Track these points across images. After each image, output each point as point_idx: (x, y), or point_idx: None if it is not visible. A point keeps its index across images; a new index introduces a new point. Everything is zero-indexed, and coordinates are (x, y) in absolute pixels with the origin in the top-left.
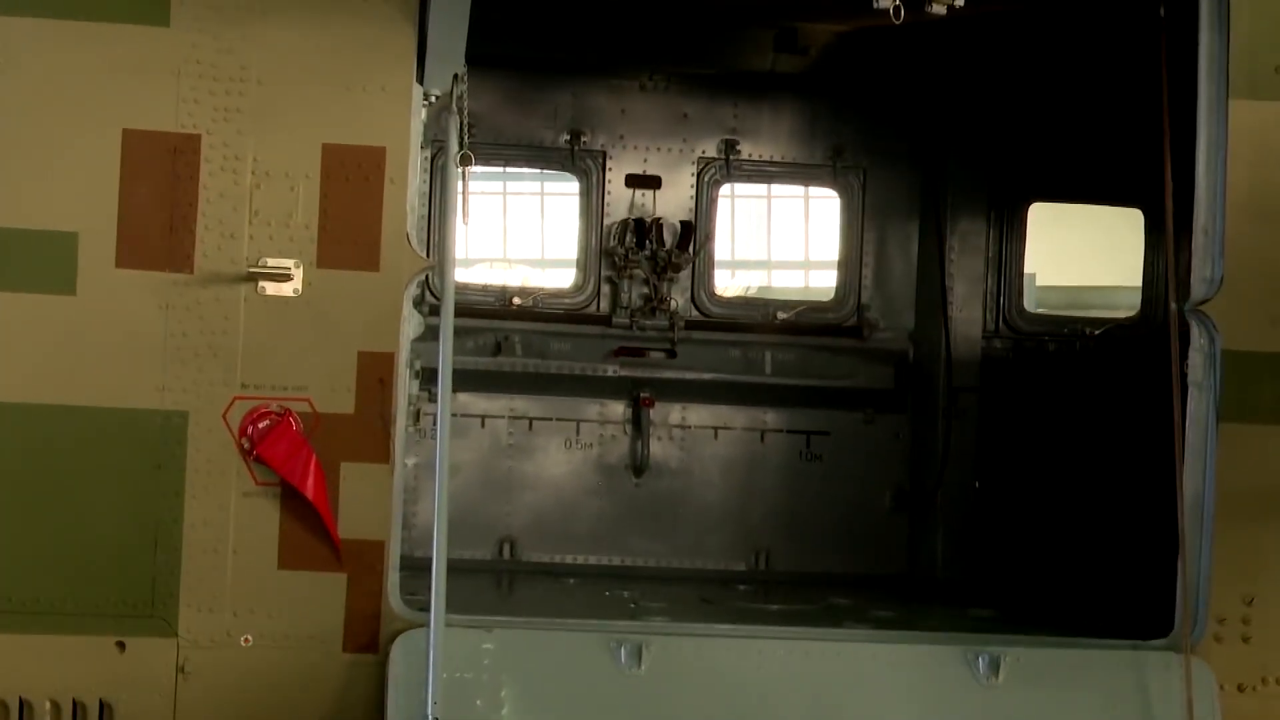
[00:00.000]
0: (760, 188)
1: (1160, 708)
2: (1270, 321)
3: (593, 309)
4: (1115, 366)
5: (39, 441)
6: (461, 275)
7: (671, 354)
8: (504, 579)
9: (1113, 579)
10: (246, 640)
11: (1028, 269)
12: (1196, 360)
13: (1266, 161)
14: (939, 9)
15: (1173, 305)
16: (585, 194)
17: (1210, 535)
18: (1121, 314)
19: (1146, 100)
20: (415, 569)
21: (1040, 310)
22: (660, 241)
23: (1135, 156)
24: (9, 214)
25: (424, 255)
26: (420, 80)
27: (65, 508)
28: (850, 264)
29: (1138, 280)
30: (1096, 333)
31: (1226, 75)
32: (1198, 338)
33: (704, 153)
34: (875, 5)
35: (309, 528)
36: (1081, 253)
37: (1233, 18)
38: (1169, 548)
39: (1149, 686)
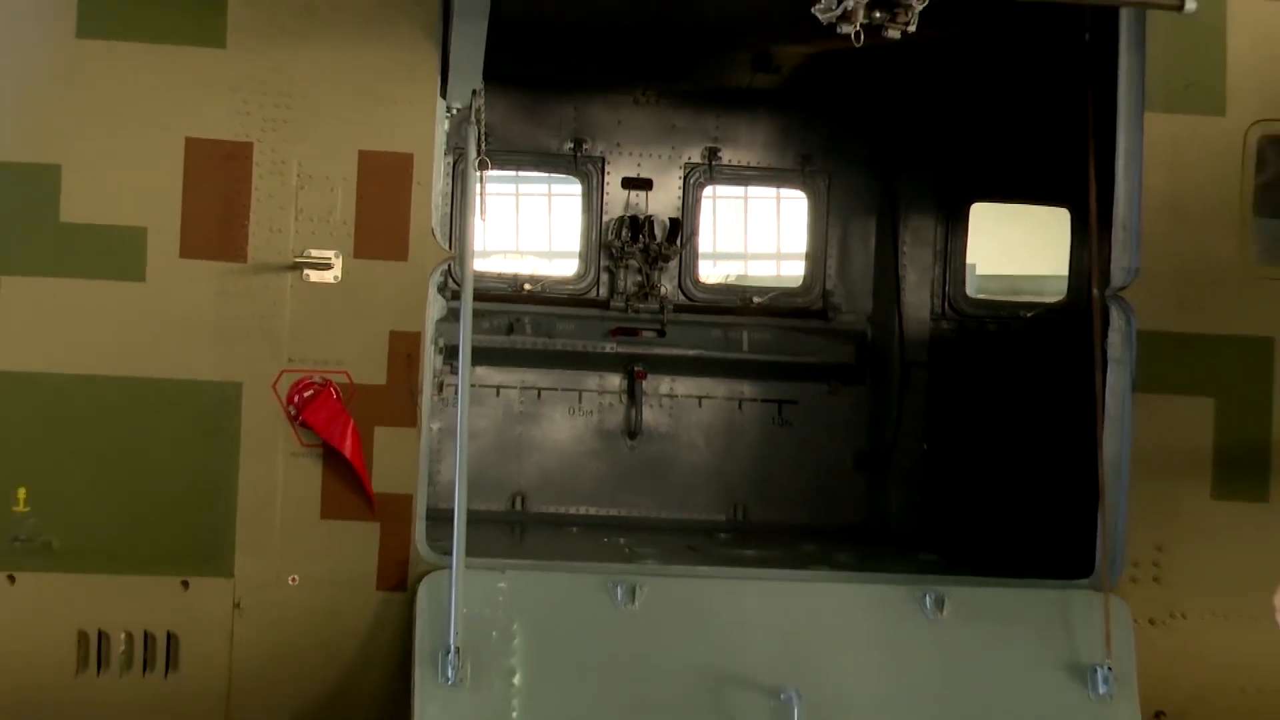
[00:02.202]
0: (738, 189)
1: (1083, 638)
2: (1179, 306)
3: (593, 294)
4: (1046, 344)
5: (113, 409)
6: (479, 265)
7: (661, 333)
8: (516, 528)
9: (1043, 528)
10: (293, 580)
11: (970, 260)
12: (1115, 339)
13: (1177, 167)
14: (893, 33)
15: (1095, 291)
16: (586, 194)
17: (1126, 490)
18: (1051, 299)
19: (1073, 113)
20: (438, 519)
21: (981, 296)
22: (652, 236)
23: (1063, 162)
24: (88, 211)
25: (446, 247)
26: (443, 95)
27: (137, 467)
28: (816, 256)
29: (1065, 270)
30: (1029, 315)
31: (1142, 91)
32: (1117, 320)
33: (690, 159)
34: (838, 30)
35: (347, 483)
36: (1016, 246)
37: (1148, 42)
38: (1091, 501)
39: (1073, 620)
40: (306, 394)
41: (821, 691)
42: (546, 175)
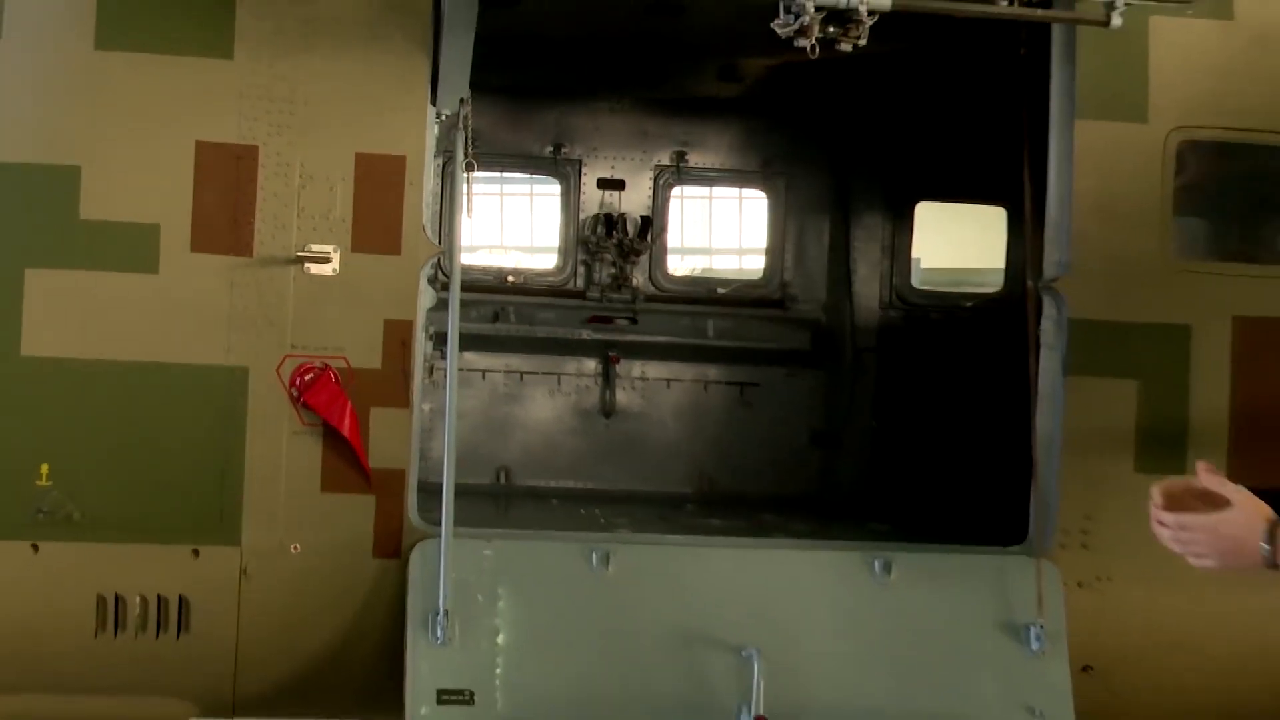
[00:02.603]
0: (704, 190)
1: (1018, 599)
2: (1106, 296)
3: (571, 285)
4: (984, 331)
5: (129, 392)
6: (466, 259)
7: (633, 321)
8: (500, 500)
9: (981, 499)
10: (295, 548)
11: (915, 254)
12: (1048, 327)
13: (1104, 170)
14: (846, 47)
15: (1030, 283)
16: (565, 194)
17: (1058, 464)
18: (989, 290)
19: (1009, 120)
20: (429, 491)
21: (925, 287)
22: (625, 232)
23: (1000, 165)
24: (105, 209)
25: (436, 243)
26: (434, 103)
27: (151, 445)
28: (775, 251)
29: (1002, 263)
30: (970, 305)
31: (1073, 101)
32: (1049, 309)
33: (660, 161)
34: (796, 44)
35: (345, 459)
36: (957, 242)
37: (1077, 56)
38: (1025, 474)
39: (1009, 583)
40: (308, 378)
41: (780, 648)
42: (528, 176)
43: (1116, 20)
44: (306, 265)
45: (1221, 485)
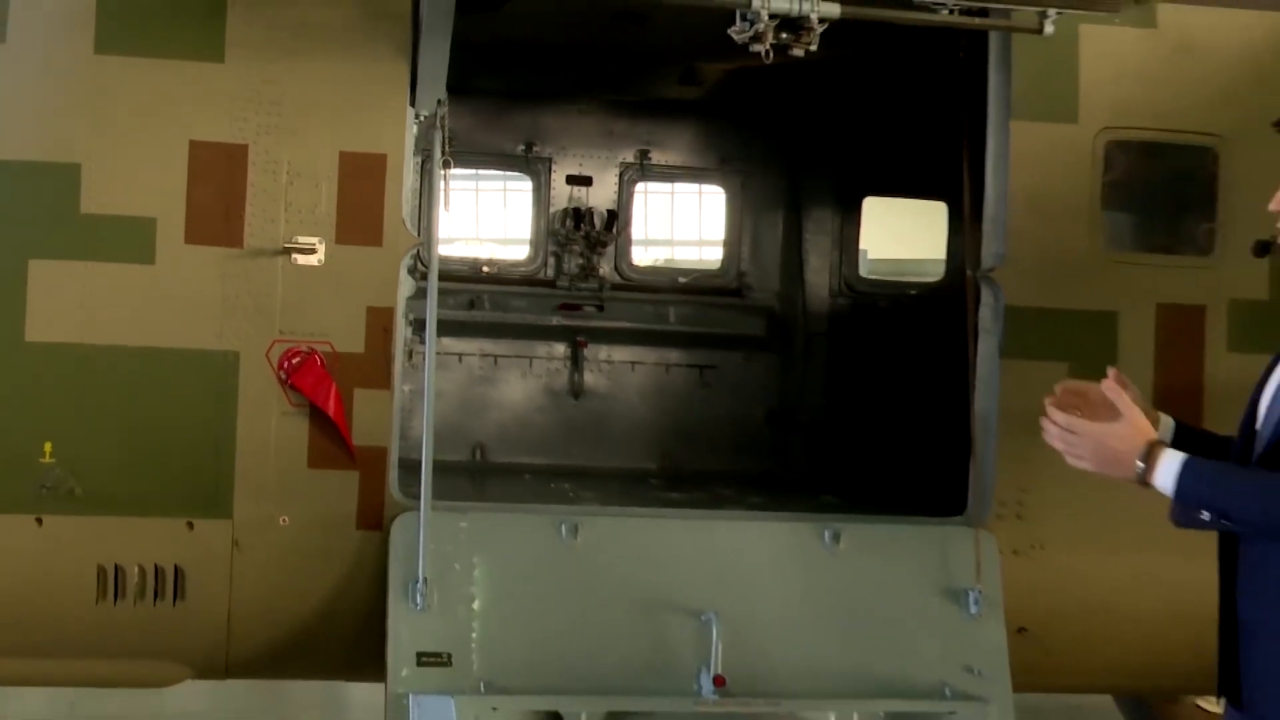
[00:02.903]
0: (666, 186)
1: (957, 566)
2: (1039, 285)
3: (541, 275)
4: (926, 317)
5: (128, 375)
6: (443, 250)
7: (600, 308)
8: (476, 475)
9: (924, 474)
10: (284, 521)
11: (862, 246)
12: (985, 313)
13: (1037, 167)
14: (798, 52)
15: (969, 272)
16: (536, 190)
17: (995, 441)
18: (931, 279)
19: (949, 121)
20: (409, 468)
21: (872, 276)
22: (592, 225)
23: (942, 163)
24: (104, 204)
25: (416, 235)
26: (413, 104)
27: (148, 424)
28: (732, 243)
29: (943, 254)
30: (913, 293)
31: (1008, 103)
32: (987, 296)
33: (625, 159)
34: (751, 49)
35: (330, 438)
36: (902, 234)
37: (1013, 60)
38: (964, 451)
39: (950, 551)
40: (295, 361)
41: (736, 612)
42: (502, 173)
43: (1049, 28)
44: (294, 256)
45: (1119, 398)
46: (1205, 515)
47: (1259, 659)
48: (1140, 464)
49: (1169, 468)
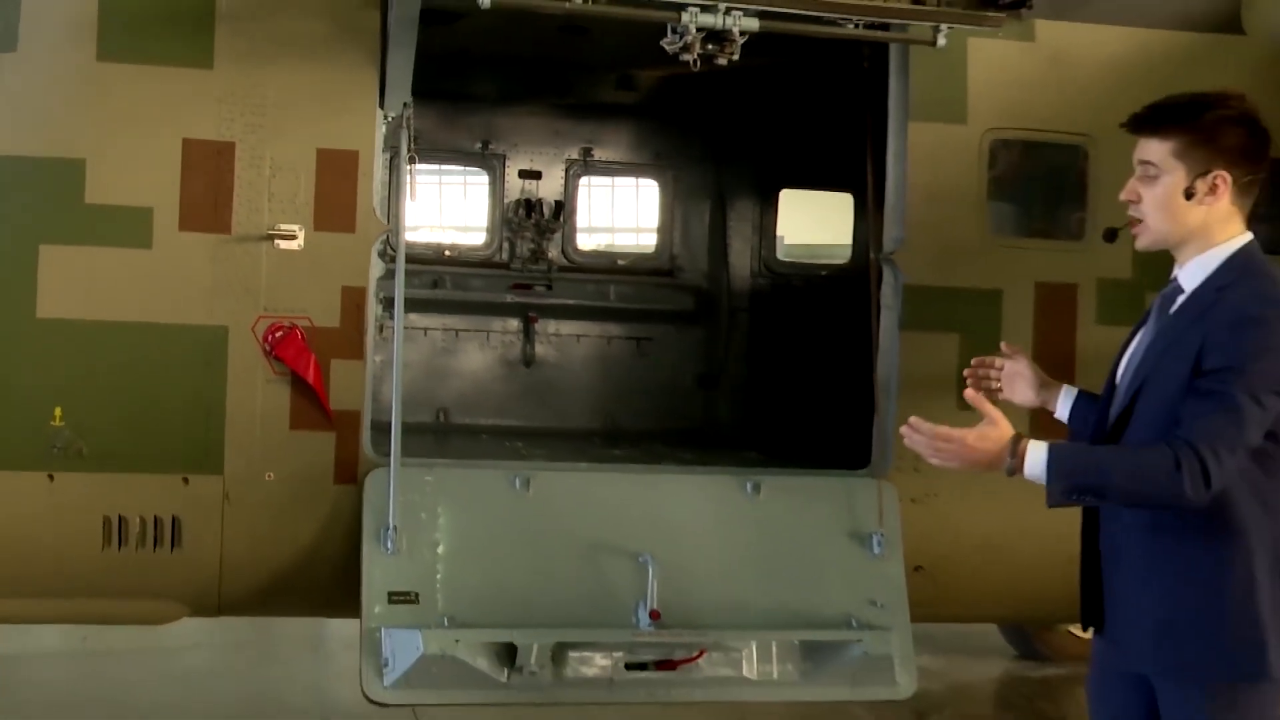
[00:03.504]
0: (607, 179)
1: (863, 513)
2: (934, 266)
3: (497, 258)
4: (835, 295)
5: (129, 347)
6: (410, 236)
7: (549, 288)
8: (440, 435)
9: (833, 432)
10: (269, 476)
11: (779, 232)
12: (887, 291)
13: (932, 163)
14: (722, 61)
15: (872, 255)
16: (492, 183)
17: (894, 403)
18: (839, 261)
19: (855, 121)
20: (380, 429)
21: (787, 259)
22: (541, 214)
23: (848, 159)
24: (107, 195)
25: (385, 223)
26: (381, 107)
27: (148, 391)
28: (665, 230)
29: (849, 240)
30: (823, 273)
31: (906, 106)
32: (888, 276)
33: (570, 156)
34: (680, 58)
35: (309, 402)
36: (813, 222)
37: (910, 68)
38: (868, 411)
39: (856, 500)
40: (278, 335)
41: (669, 554)
42: (462, 168)
43: (941, 41)
44: (276, 241)
45: (981, 404)
46: (1076, 496)
47: (1117, 587)
48: (1010, 459)
49: (1036, 458)
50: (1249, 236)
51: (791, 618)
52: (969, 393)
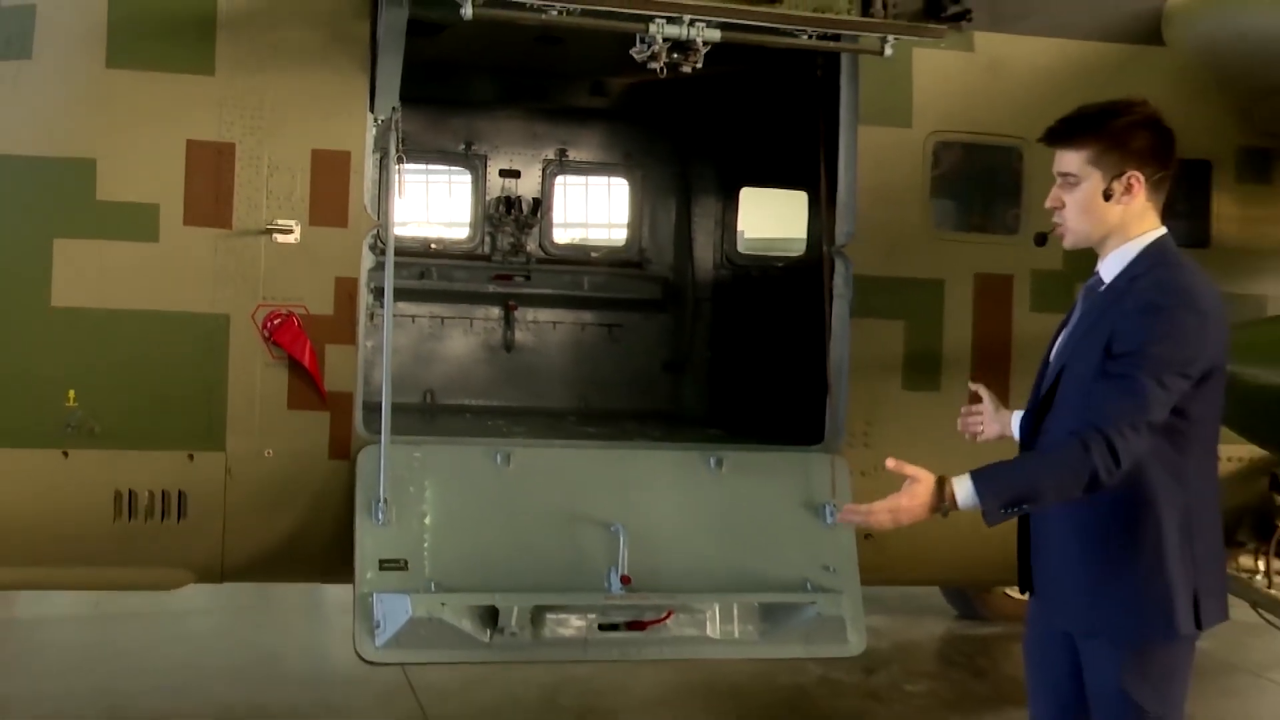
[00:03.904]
0: (581, 178)
1: (817, 485)
2: (882, 258)
3: (479, 251)
4: (792, 285)
5: (138, 333)
6: (398, 231)
7: (528, 278)
8: (426, 414)
9: (790, 410)
10: (269, 453)
11: (740, 227)
12: (839, 281)
13: (880, 163)
14: (687, 69)
15: (825, 248)
16: (474, 181)
17: (846, 384)
18: (795, 254)
19: (810, 124)
20: (371, 409)
21: (747, 252)
22: (520, 210)
23: (803, 159)
24: (116, 192)
25: (375, 218)
26: (372, 110)
27: (156, 374)
28: (635, 225)
29: (804, 234)
30: (781, 265)
31: (856, 110)
32: (840, 268)
33: (547, 156)
34: (648, 66)
35: (306, 384)
36: (771, 218)
37: (860, 76)
38: (822, 392)
39: (810, 473)
40: (276, 322)
41: (638, 524)
42: (446, 168)
43: (888, 51)
44: (274, 235)
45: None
46: (1010, 509)
47: (1043, 554)
48: (942, 502)
49: (964, 491)
50: (1163, 230)
51: (751, 581)
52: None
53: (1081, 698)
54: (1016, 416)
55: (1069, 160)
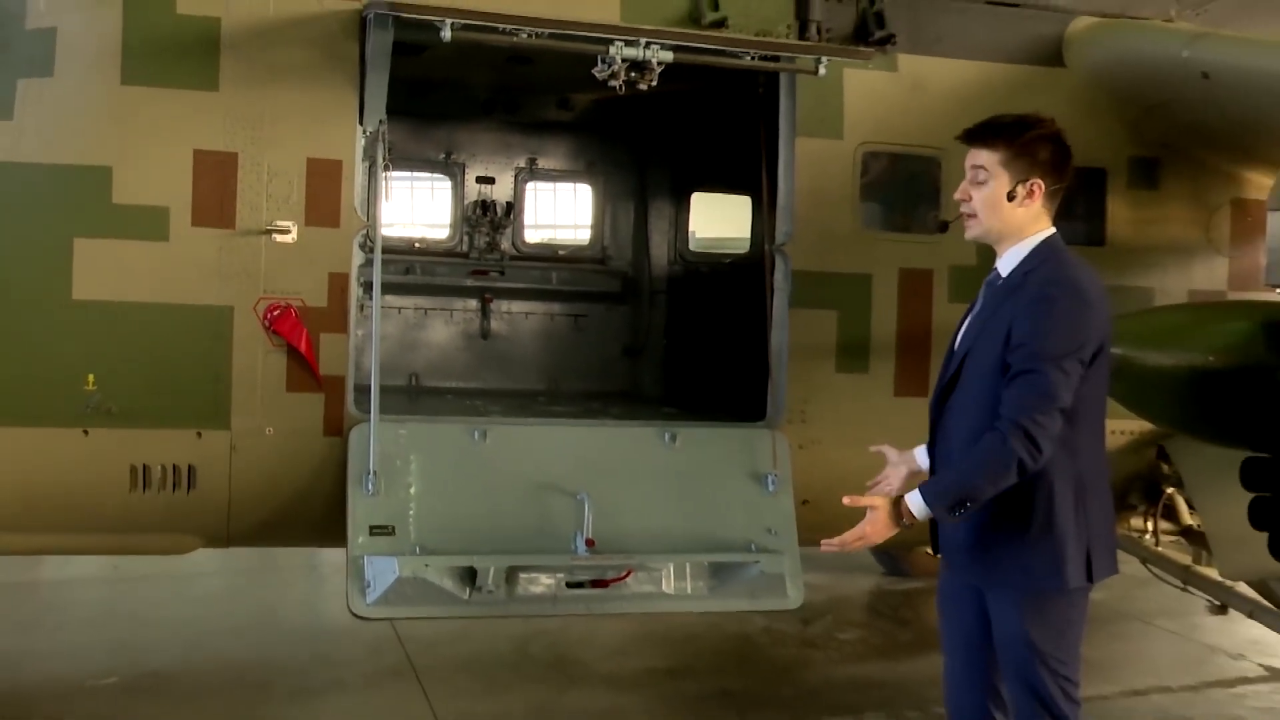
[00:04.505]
0: (549, 184)
1: (760, 458)
2: (816, 255)
3: (459, 249)
4: (738, 279)
5: (150, 323)
6: (386, 231)
7: (502, 274)
8: (411, 396)
9: (736, 391)
10: (270, 431)
11: (691, 228)
12: (779, 276)
13: (815, 170)
14: (643, 86)
15: (767, 246)
16: (454, 187)
17: (785, 367)
18: (740, 252)
19: (753, 135)
20: (362, 391)
21: (698, 250)
22: (495, 213)
23: (748, 167)
24: (130, 196)
25: (364, 219)
26: (361, 123)
27: (167, 359)
28: (598, 225)
29: (748, 234)
30: (728, 261)
31: (794, 123)
32: (780, 264)
33: (518, 164)
34: (608, 84)
35: (302, 369)
36: (719, 219)
37: (798, 93)
38: (764, 375)
39: (754, 447)
40: (276, 313)
41: (602, 493)
42: (429, 175)
43: (822, 71)
44: (273, 235)
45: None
46: (957, 509)
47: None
48: (901, 520)
49: (916, 503)
50: (1053, 230)
51: (702, 543)
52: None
53: (988, 642)
54: (920, 451)
55: (983, 157)
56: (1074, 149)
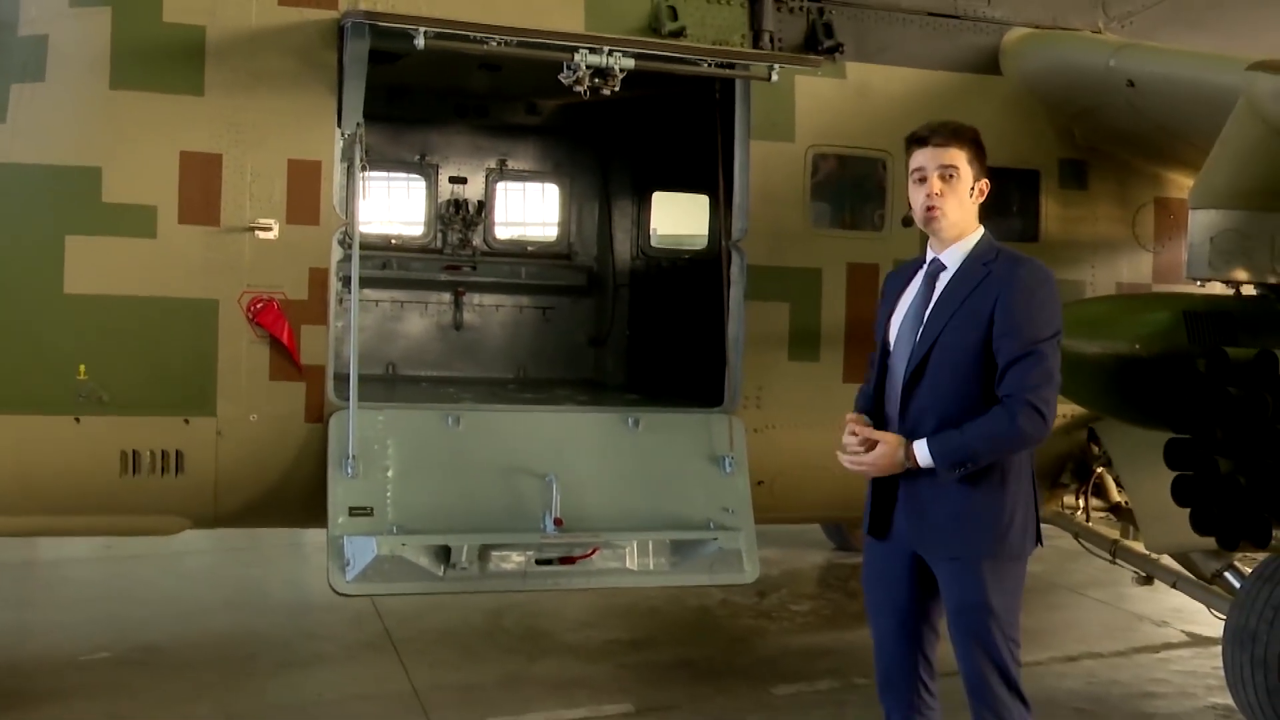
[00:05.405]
0: (519, 184)
1: (718, 441)
2: (769, 250)
3: (433, 245)
4: (696, 273)
5: (140, 316)
6: (363, 228)
7: (474, 268)
8: (389, 383)
9: (695, 378)
10: (254, 418)
11: (653, 225)
12: (735, 270)
13: (768, 171)
14: (606, 92)
15: (724, 242)
16: (428, 186)
17: (741, 356)
18: (699, 248)
19: (710, 138)
20: (341, 379)
21: (659, 246)
22: (467, 211)
23: (705, 167)
24: (120, 195)
25: (343, 217)
26: (339, 126)
27: (156, 350)
28: (564, 223)
29: (706, 231)
30: (687, 257)
31: (749, 126)
32: (736, 259)
33: (489, 165)
34: (574, 90)
35: (284, 359)
36: (679, 217)
37: (752, 98)
38: (721, 363)
39: (713, 430)
40: (259, 306)
41: (569, 475)
42: (405, 175)
43: (774, 77)
44: (256, 232)
45: (871, 433)
46: (958, 468)
47: (921, 493)
48: (906, 462)
49: (921, 453)
50: (983, 228)
51: (663, 521)
52: (859, 429)
53: (916, 612)
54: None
55: (955, 155)
56: (1009, 152)
